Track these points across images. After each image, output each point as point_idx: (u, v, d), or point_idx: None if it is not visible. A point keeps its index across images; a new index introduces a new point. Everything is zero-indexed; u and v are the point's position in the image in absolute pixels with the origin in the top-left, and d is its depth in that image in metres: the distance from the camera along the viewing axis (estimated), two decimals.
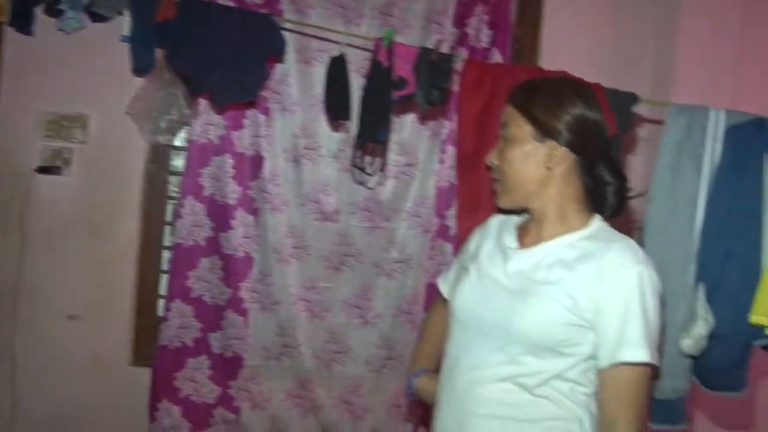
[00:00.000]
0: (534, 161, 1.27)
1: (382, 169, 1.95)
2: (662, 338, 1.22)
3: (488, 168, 1.38)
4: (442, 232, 2.33)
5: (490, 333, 1.26)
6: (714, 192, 1.73)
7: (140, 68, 1.97)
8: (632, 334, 1.16)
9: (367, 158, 1.91)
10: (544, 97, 1.27)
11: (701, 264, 1.73)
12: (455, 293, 1.38)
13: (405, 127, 2.27)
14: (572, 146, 1.26)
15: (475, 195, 1.74)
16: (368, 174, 1.92)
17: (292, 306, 2.27)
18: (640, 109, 2.22)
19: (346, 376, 2.33)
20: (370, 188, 2.22)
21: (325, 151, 2.24)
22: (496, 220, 1.47)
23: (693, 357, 1.73)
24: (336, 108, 1.82)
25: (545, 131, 1.25)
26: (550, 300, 1.21)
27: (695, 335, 1.67)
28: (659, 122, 2.29)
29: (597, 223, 1.30)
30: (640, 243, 1.72)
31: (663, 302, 1.23)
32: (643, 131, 2.41)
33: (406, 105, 1.97)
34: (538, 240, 1.31)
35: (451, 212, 2.31)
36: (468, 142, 1.74)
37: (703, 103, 1.82)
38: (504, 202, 1.35)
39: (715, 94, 2.27)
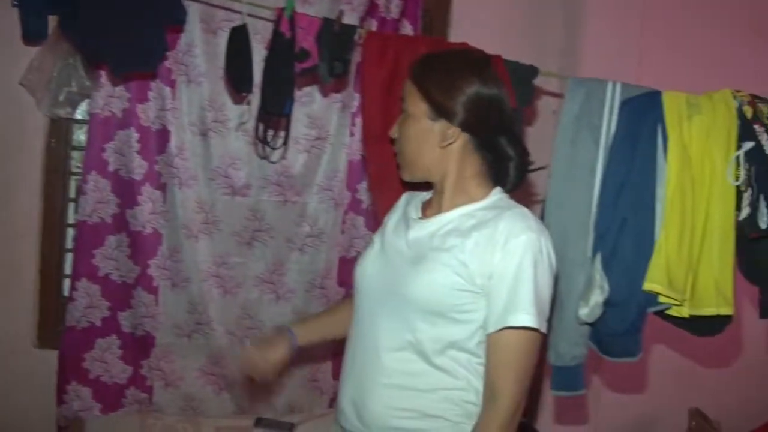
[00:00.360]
0: (428, 139, 1.33)
1: (286, 142, 1.98)
2: (555, 306, 1.32)
3: (392, 141, 1.44)
4: (354, 206, 2.40)
5: (388, 301, 1.32)
6: (609, 163, 1.80)
7: (32, 36, 1.94)
8: (521, 299, 1.21)
9: (270, 132, 1.94)
10: (440, 75, 1.32)
11: (598, 234, 1.80)
12: (357, 264, 1.46)
13: (315, 100, 2.31)
14: (466, 126, 1.31)
15: (384, 168, 1.76)
16: (272, 148, 1.95)
17: (204, 282, 2.30)
18: (550, 82, 2.35)
19: None
20: (273, 162, 2.26)
21: (234, 124, 2.26)
22: (405, 196, 1.55)
23: (591, 324, 1.81)
24: (237, 80, 1.85)
25: (439, 111, 1.30)
26: (440, 265, 1.27)
27: (592, 303, 1.74)
28: (556, 95, 2.43)
29: (497, 194, 1.36)
30: (542, 215, 1.84)
31: (556, 272, 1.29)
32: (554, 104, 2.53)
33: (309, 77, 2.01)
34: (438, 211, 1.37)
35: (363, 186, 2.39)
36: (373, 115, 1.76)
37: (608, 78, 1.88)
38: (405, 176, 1.41)
39: (621, 68, 2.42)
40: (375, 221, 1.77)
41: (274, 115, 1.85)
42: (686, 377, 2.81)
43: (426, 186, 1.46)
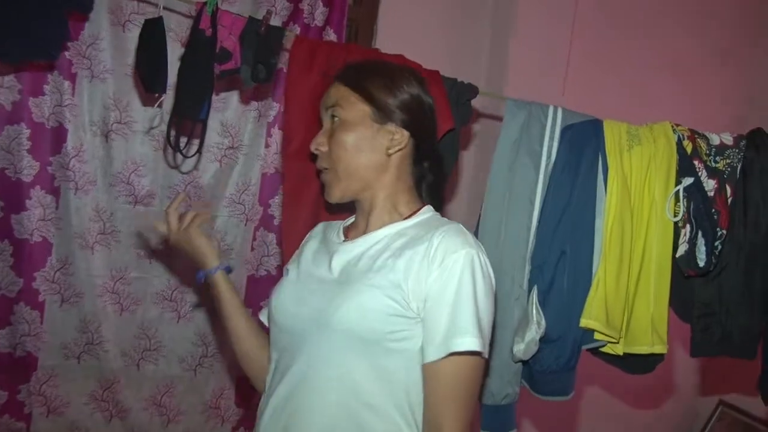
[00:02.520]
0: (372, 145, 1.28)
1: (200, 151, 1.91)
2: (494, 331, 1.24)
3: (313, 156, 1.36)
4: (266, 222, 2.37)
5: (311, 334, 1.22)
6: (549, 192, 1.79)
7: None
8: (463, 321, 1.14)
9: (183, 138, 1.87)
10: (381, 77, 1.29)
11: (535, 266, 1.79)
12: (272, 296, 1.35)
13: (229, 106, 2.27)
14: (412, 128, 1.29)
15: (303, 183, 1.73)
16: (184, 156, 1.88)
17: (98, 298, 2.20)
18: (475, 101, 2.40)
19: (157, 375, 2.30)
20: (183, 173, 2.19)
21: (140, 126, 2.18)
22: (321, 225, 1.48)
23: (524, 362, 1.80)
24: (149, 79, 1.77)
25: (384, 112, 1.27)
26: (369, 287, 1.19)
27: (528, 339, 1.71)
28: (493, 117, 2.49)
29: (428, 212, 1.32)
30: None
31: (494, 290, 1.23)
32: (477, 125, 2.59)
33: (229, 81, 1.95)
34: (365, 230, 1.31)
35: (276, 201, 2.36)
36: (295, 126, 1.72)
37: (534, 97, 1.89)
38: (334, 194, 1.31)
39: (546, 86, 2.52)
40: (283, 240, 1.70)
41: (189, 119, 1.78)
42: (616, 416, 2.90)
43: (342, 214, 1.43)
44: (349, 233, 1.36)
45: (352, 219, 1.41)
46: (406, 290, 1.17)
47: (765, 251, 1.79)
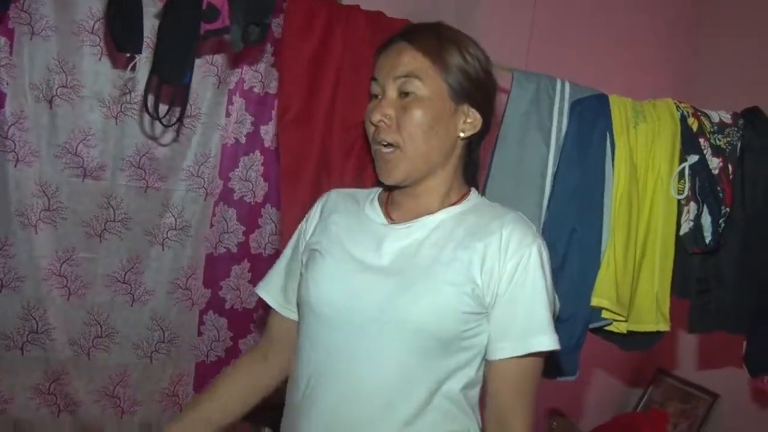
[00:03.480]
0: (447, 127, 1.18)
1: (182, 119, 1.76)
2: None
3: (369, 129, 1.21)
4: (226, 197, 2.25)
5: (369, 331, 1.12)
6: (560, 168, 1.78)
7: None
8: (540, 319, 1.11)
9: (162, 105, 1.71)
10: (458, 48, 1.19)
11: (547, 240, 1.77)
12: (309, 284, 1.21)
13: None
14: (483, 110, 1.22)
15: (301, 157, 1.65)
16: (164, 124, 1.72)
17: (43, 282, 2.02)
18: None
19: (110, 364, 2.14)
20: (164, 145, 2.03)
21: (89, 90, 1.99)
22: (333, 194, 1.36)
23: None
24: (122, 38, 1.60)
25: (464, 91, 1.18)
26: (446, 285, 1.11)
27: None
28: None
29: (475, 196, 1.27)
30: None
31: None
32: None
33: (215, 42, 1.80)
34: (415, 214, 1.21)
35: (237, 173, 2.24)
36: (292, 94, 1.62)
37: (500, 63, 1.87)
38: (397, 175, 1.19)
39: (512, 54, 2.51)
40: (282, 218, 1.60)
41: (170, 84, 1.63)
42: (556, 386, 2.98)
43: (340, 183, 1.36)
44: (392, 214, 1.25)
45: (378, 191, 1.31)
46: (481, 285, 1.12)
47: (762, 229, 1.87)
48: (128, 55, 1.63)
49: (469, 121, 1.21)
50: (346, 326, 1.15)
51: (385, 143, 1.18)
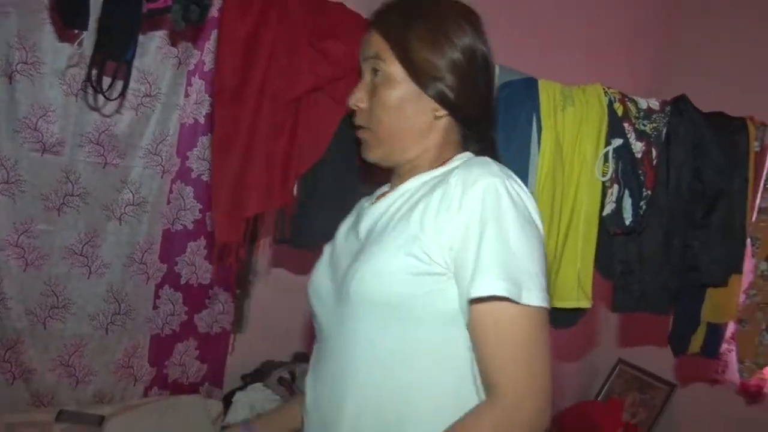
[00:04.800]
0: (417, 107, 1.13)
1: (124, 94, 1.82)
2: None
3: (351, 111, 1.21)
4: (184, 174, 2.33)
5: (337, 312, 1.11)
6: None
7: None
8: (484, 262, 0.97)
9: (106, 79, 1.77)
10: (427, 26, 1.12)
11: None
12: (309, 281, 1.27)
13: (147, 51, 2.18)
14: (461, 91, 1.13)
15: (234, 134, 1.68)
16: (107, 98, 1.78)
17: (0, 253, 2.08)
18: None
19: (65, 334, 2.21)
20: (106, 116, 2.10)
21: (49, 68, 2.05)
22: (361, 201, 1.36)
23: None
24: (69, 14, 1.66)
25: (431, 74, 1.11)
26: (386, 248, 1.05)
27: None
28: None
29: (459, 159, 1.16)
30: None
31: (533, 224, 1.05)
32: None
33: (157, 21, 1.87)
34: (393, 189, 1.19)
35: (195, 152, 2.31)
36: (228, 72, 1.66)
37: None
38: (371, 157, 1.19)
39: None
40: (213, 190, 1.66)
41: (113, 60, 1.69)
42: None
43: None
44: (382, 196, 1.24)
45: (385, 188, 1.30)
46: (426, 242, 1.02)
47: (684, 212, 1.93)
48: (76, 31, 1.69)
49: (440, 104, 1.14)
50: (322, 312, 1.19)
51: (360, 125, 1.20)
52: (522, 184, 1.06)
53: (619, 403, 3.08)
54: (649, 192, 1.84)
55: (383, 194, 1.24)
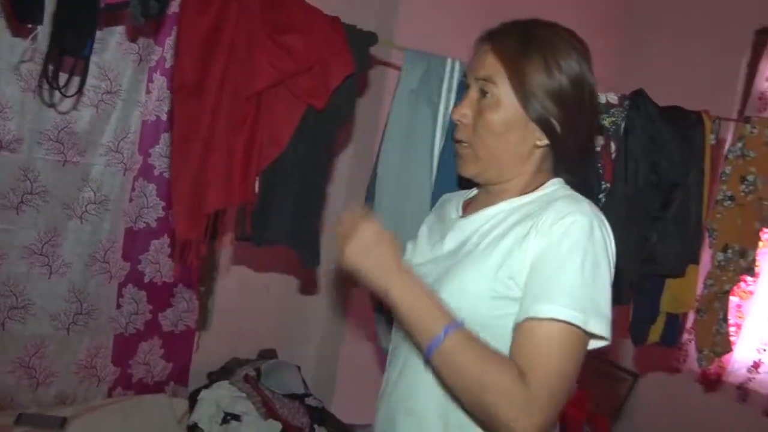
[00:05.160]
0: (522, 135, 1.14)
1: (81, 90, 1.80)
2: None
3: (455, 123, 1.21)
4: (146, 172, 2.31)
5: None
6: (447, 145, 1.81)
7: None
8: (556, 289, 1.00)
9: (63, 75, 1.75)
10: (541, 54, 1.12)
11: None
12: None
13: (107, 47, 2.16)
14: (566, 122, 1.14)
15: (194, 130, 1.67)
16: (63, 94, 1.75)
17: None
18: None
19: (25, 335, 2.19)
20: (62, 113, 2.07)
21: (5, 63, 2.03)
22: (445, 197, 1.39)
23: None
24: (23, 7, 1.63)
25: (539, 104, 1.12)
26: (474, 270, 1.09)
27: None
28: (388, 64, 2.52)
29: (554, 184, 1.19)
30: (368, 193, 1.84)
31: (612, 265, 1.08)
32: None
33: (116, 16, 1.84)
34: (485, 207, 1.20)
35: (157, 150, 2.29)
36: (188, 67, 1.64)
37: (423, 45, 1.90)
38: (467, 173, 1.20)
39: (434, 36, 2.58)
40: (172, 185, 1.64)
41: (70, 55, 1.67)
42: None
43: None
44: (469, 208, 1.26)
45: (474, 191, 1.31)
46: (513, 270, 1.06)
47: (642, 204, 1.96)
48: (29, 25, 1.67)
49: (545, 133, 1.15)
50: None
51: (459, 140, 1.20)
52: (609, 228, 1.09)
53: (583, 394, 3.12)
54: (608, 185, 1.88)
55: (470, 202, 1.28)
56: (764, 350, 2.92)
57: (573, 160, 1.21)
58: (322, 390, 2.77)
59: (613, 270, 1.08)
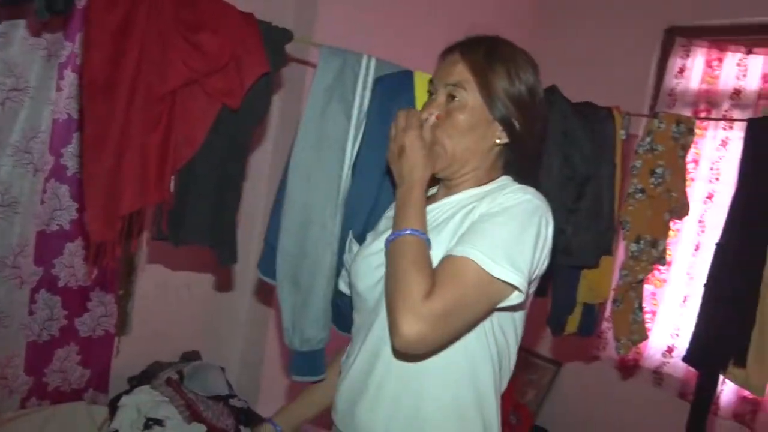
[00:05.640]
0: (484, 133, 1.31)
1: None
2: (309, 278, 1.33)
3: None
4: (58, 173, 2.24)
5: (381, 302, 1.27)
6: (365, 142, 1.81)
7: None
8: (477, 237, 1.16)
9: None
10: (504, 66, 1.30)
11: (349, 212, 1.80)
12: (352, 262, 1.43)
13: (13, 43, 2.07)
14: (522, 124, 1.31)
15: (106, 129, 1.62)
16: None
17: None
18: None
19: None
20: None
21: None
22: None
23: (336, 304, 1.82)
24: None
25: (501, 108, 1.29)
26: (438, 248, 1.22)
27: None
28: (305, 62, 2.50)
29: (501, 180, 1.35)
30: (280, 188, 1.83)
31: (546, 246, 1.24)
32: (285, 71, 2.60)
33: (18, 10, 1.76)
34: (445, 197, 1.37)
35: (70, 150, 2.22)
36: (97, 64, 1.58)
37: (342, 43, 1.89)
38: (435, 167, 1.33)
39: (354, 34, 2.58)
40: (84, 187, 1.59)
41: None
42: None
43: None
44: (428, 202, 1.38)
45: (434, 189, 1.45)
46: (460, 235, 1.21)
47: (557, 197, 2.01)
48: None
49: (506, 132, 1.32)
50: (366, 297, 1.35)
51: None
52: (551, 214, 1.25)
53: (509, 384, 3.19)
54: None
55: (432, 197, 1.42)
56: (677, 335, 3.05)
57: (524, 159, 1.37)
58: (247, 390, 2.75)
59: (544, 247, 1.23)
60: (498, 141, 1.32)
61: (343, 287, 1.70)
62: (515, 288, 1.16)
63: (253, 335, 2.85)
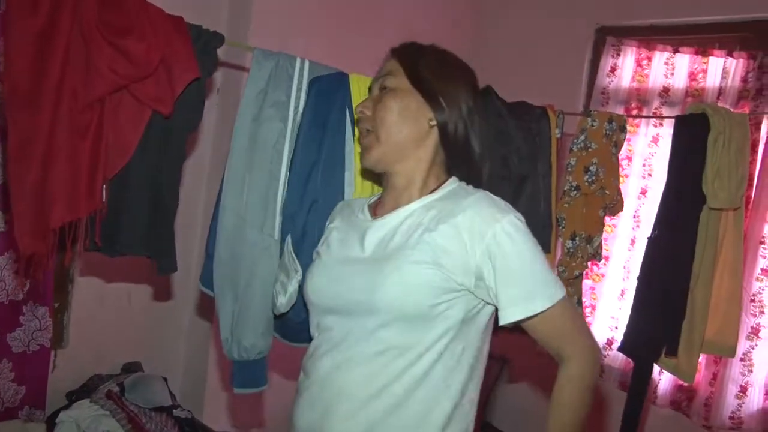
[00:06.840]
0: (416, 115, 1.37)
1: None
2: (245, 284, 1.37)
3: (358, 119, 1.43)
4: None
5: (357, 312, 1.29)
6: (298, 144, 1.80)
7: None
8: (536, 282, 1.26)
9: None
10: (434, 58, 1.41)
11: (286, 216, 1.79)
12: (307, 280, 1.42)
13: None
14: (447, 100, 1.38)
15: (32, 139, 1.56)
16: None
17: None
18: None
19: None
20: None
21: None
22: (339, 205, 1.59)
23: (277, 314, 1.76)
24: None
25: (431, 89, 1.37)
26: (411, 263, 1.25)
27: (290, 290, 1.67)
28: (239, 67, 2.48)
29: (453, 183, 1.41)
30: (218, 194, 1.81)
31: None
32: (218, 74, 2.58)
33: None
34: (395, 207, 1.38)
35: None
36: (20, 74, 1.52)
37: (279, 48, 1.88)
38: (372, 157, 1.39)
39: (290, 38, 2.57)
40: (12, 202, 1.54)
41: None
42: None
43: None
44: (377, 211, 1.43)
45: (376, 197, 1.50)
46: (448, 266, 1.24)
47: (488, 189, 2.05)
48: None
49: (434, 113, 1.37)
50: (336, 310, 1.33)
51: (364, 129, 1.41)
52: (517, 212, 1.32)
53: None
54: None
55: (377, 207, 1.45)
56: (616, 328, 3.14)
57: (462, 152, 1.40)
58: (190, 400, 2.71)
59: None
60: (431, 123, 1.37)
61: (279, 292, 1.68)
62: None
63: (195, 344, 2.81)
